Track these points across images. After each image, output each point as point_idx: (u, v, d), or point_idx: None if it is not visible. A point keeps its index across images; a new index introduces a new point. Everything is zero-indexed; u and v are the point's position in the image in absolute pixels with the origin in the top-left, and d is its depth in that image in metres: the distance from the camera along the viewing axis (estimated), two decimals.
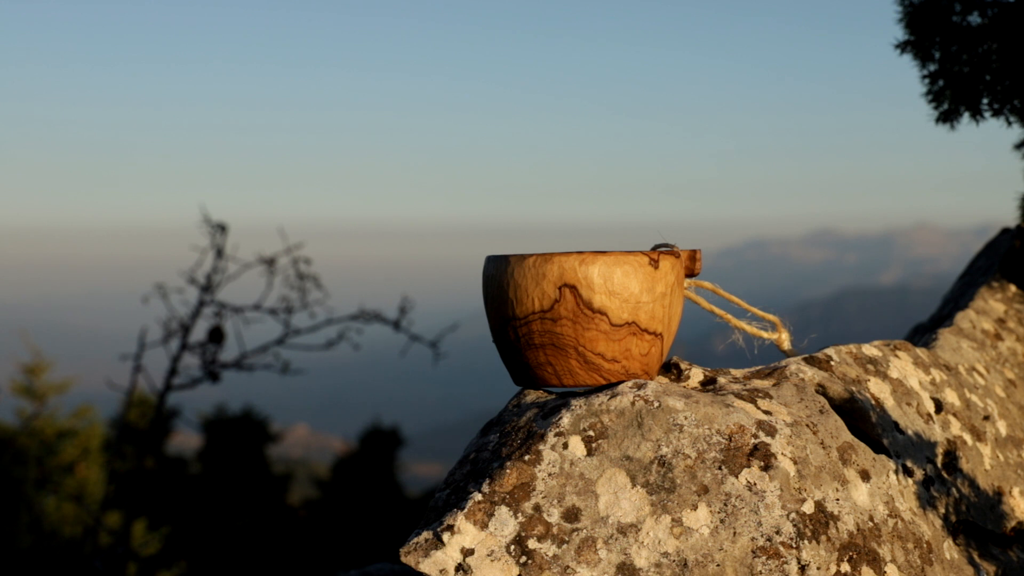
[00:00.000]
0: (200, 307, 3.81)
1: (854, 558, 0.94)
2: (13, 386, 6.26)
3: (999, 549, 1.12)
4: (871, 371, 1.15)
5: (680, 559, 0.88)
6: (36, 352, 6.31)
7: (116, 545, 4.19)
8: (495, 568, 0.87)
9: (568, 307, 0.98)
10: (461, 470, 0.97)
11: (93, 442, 6.48)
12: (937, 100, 1.78)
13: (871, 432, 1.08)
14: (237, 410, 8.71)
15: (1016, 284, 1.67)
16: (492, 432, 1.00)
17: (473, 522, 0.88)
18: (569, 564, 0.87)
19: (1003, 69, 1.71)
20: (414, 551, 0.88)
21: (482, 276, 1.06)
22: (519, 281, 0.99)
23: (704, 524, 0.90)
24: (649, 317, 1.00)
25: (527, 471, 0.91)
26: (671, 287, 1.02)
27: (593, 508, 0.90)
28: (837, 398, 1.09)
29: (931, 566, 1.01)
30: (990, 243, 1.87)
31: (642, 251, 1.01)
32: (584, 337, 0.99)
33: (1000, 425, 1.27)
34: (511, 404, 1.03)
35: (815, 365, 1.11)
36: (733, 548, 0.89)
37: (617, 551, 0.88)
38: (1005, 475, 1.21)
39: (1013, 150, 1.90)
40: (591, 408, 0.95)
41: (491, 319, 1.03)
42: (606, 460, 0.92)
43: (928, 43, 1.77)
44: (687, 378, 1.06)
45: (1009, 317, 1.57)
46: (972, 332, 1.44)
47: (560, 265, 0.98)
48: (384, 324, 3.99)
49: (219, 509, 8.03)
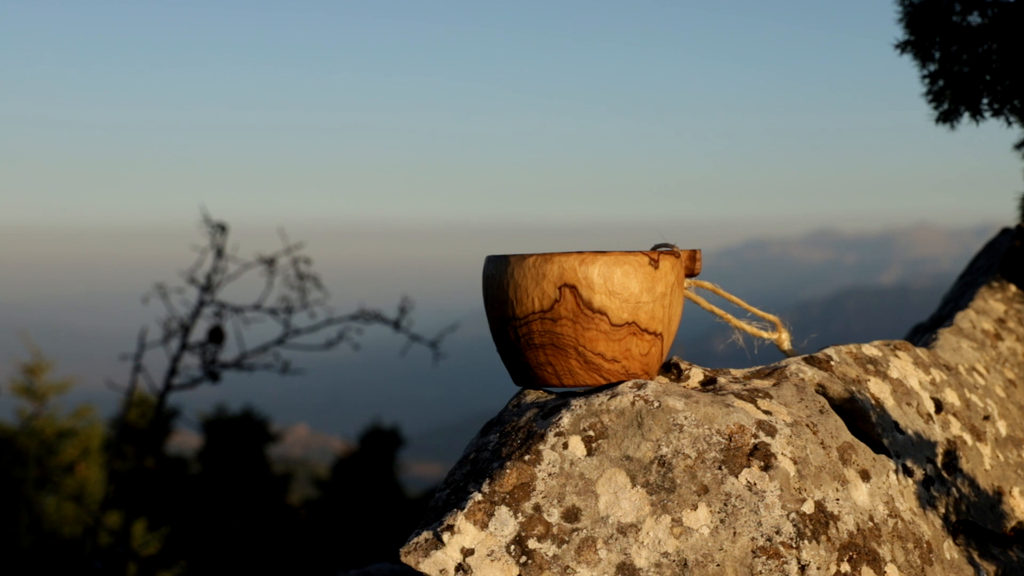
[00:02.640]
0: (200, 307, 3.81)
1: (854, 558, 0.94)
2: (13, 386, 6.26)
3: (999, 549, 1.12)
4: (871, 371, 1.15)
5: (680, 559, 0.88)
6: (36, 352, 6.30)
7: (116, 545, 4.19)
8: (495, 568, 0.87)
9: (568, 307, 0.98)
10: (461, 470, 0.97)
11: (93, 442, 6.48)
12: (937, 100, 1.78)
13: (871, 432, 1.08)
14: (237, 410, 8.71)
15: (1016, 284, 1.67)
16: (492, 432, 1.00)
17: (473, 522, 0.88)
18: (569, 564, 0.87)
19: (1003, 69, 1.71)
20: (414, 551, 0.88)
21: (482, 276, 1.06)
22: (519, 281, 0.99)
23: (704, 524, 0.90)
24: (649, 317, 1.00)
25: (527, 471, 0.91)
26: (671, 287, 1.02)
27: (593, 508, 0.90)
28: (837, 398, 1.09)
29: (931, 566, 1.01)
30: (990, 243, 1.87)
31: (642, 251, 1.01)
32: (584, 337, 0.99)
33: (1000, 425, 1.27)
34: (511, 404, 1.03)
35: (815, 365, 1.11)
36: (733, 548, 0.89)
37: (617, 551, 0.88)
38: (1005, 475, 1.21)
39: (1013, 150, 1.90)
40: (591, 408, 0.95)
41: (491, 319, 1.03)
42: (606, 460, 0.92)
43: (928, 43, 1.77)
44: (687, 378, 1.06)
45: (1009, 317, 1.57)
46: (972, 332, 1.44)
47: (560, 265, 0.98)
48: (384, 324, 3.99)
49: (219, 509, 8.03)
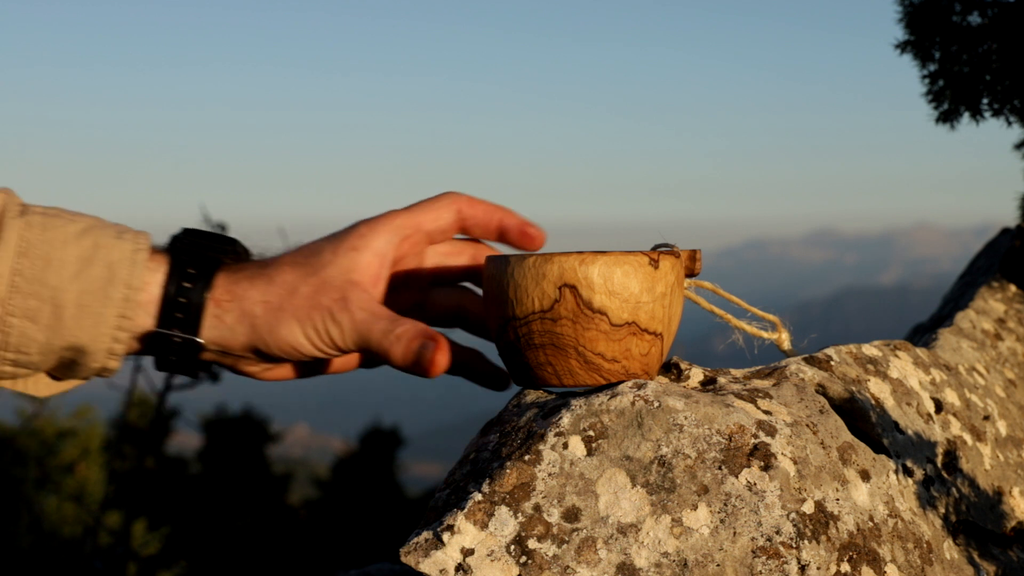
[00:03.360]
0: None
1: (854, 558, 0.94)
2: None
3: (999, 549, 1.12)
4: (871, 371, 1.15)
5: (680, 559, 0.88)
6: None
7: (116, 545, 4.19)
8: (495, 568, 0.87)
9: (568, 307, 0.98)
10: (461, 470, 0.97)
11: (93, 442, 6.49)
12: (937, 100, 1.78)
13: (871, 432, 1.08)
14: (237, 410, 8.72)
15: (1016, 284, 1.67)
16: (492, 432, 1.00)
17: (473, 522, 0.88)
18: (569, 564, 0.87)
19: (1003, 69, 1.71)
20: (414, 551, 0.88)
21: (482, 276, 1.06)
22: (519, 281, 0.99)
23: (704, 524, 0.90)
24: (649, 317, 1.00)
25: (527, 471, 0.91)
26: (671, 287, 1.02)
27: (593, 508, 0.90)
28: (837, 398, 1.09)
29: (931, 566, 1.01)
30: (990, 243, 1.88)
31: (642, 251, 1.01)
32: (584, 337, 0.99)
33: (1000, 425, 1.27)
34: (511, 404, 1.03)
35: (815, 365, 1.11)
36: (733, 548, 0.89)
37: (617, 551, 0.88)
38: (1005, 475, 1.21)
39: (1013, 150, 1.90)
40: (591, 408, 0.95)
41: (491, 319, 1.03)
42: (606, 460, 0.92)
43: (928, 43, 1.77)
44: (687, 378, 1.06)
45: (1009, 317, 1.57)
46: (972, 332, 1.44)
47: (560, 265, 0.98)
48: None
49: (219, 509, 8.03)
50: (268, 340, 1.01)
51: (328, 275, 1.02)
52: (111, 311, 0.96)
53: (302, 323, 1.01)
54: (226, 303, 1.00)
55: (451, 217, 1.09)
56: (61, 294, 0.94)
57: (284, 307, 1.01)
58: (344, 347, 1.03)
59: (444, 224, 1.08)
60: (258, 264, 1.04)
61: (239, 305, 1.01)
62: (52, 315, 0.94)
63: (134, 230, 1.00)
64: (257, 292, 1.01)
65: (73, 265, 0.94)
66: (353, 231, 1.05)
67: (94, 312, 0.95)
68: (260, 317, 1.01)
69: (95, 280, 0.95)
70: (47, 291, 0.93)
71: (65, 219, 0.97)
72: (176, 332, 0.99)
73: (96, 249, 0.96)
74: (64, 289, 0.94)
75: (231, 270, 1.02)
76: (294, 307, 1.01)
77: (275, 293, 1.01)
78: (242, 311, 1.01)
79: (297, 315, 1.01)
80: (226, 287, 1.01)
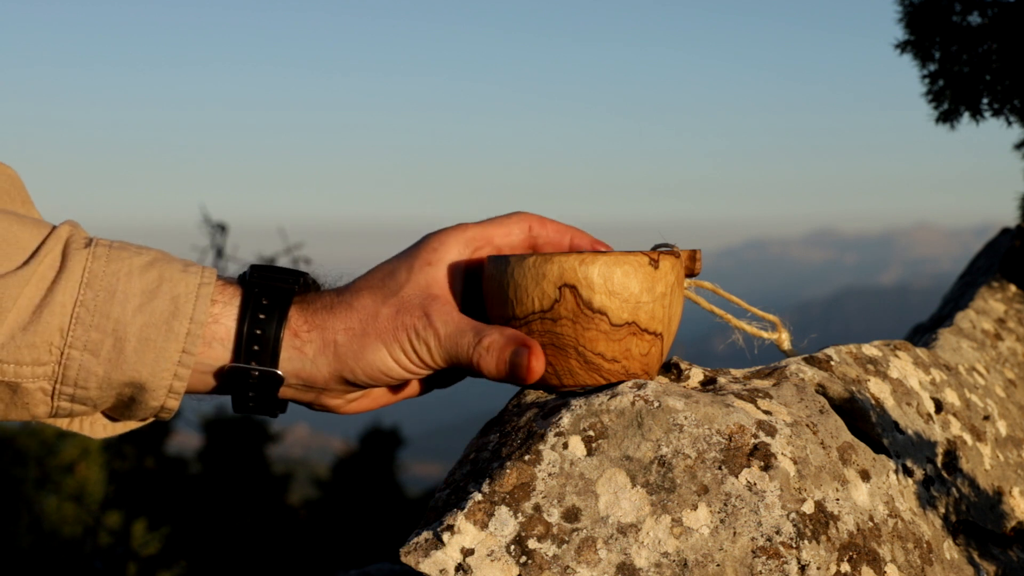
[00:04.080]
0: None
1: (854, 558, 0.94)
2: None
3: (999, 549, 1.12)
4: (871, 371, 1.15)
5: (680, 559, 0.88)
6: None
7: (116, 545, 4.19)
8: (495, 568, 0.87)
9: (568, 307, 0.98)
10: (461, 470, 0.97)
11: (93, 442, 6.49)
12: (937, 100, 1.78)
13: (871, 432, 1.08)
14: None
15: (1016, 284, 1.67)
16: (492, 432, 1.00)
17: (473, 522, 0.88)
18: (569, 564, 0.87)
19: (1003, 69, 1.71)
20: (414, 551, 0.88)
21: (482, 276, 1.06)
22: (519, 281, 0.99)
23: (704, 524, 0.90)
24: (649, 317, 1.00)
25: (527, 471, 0.91)
26: (671, 287, 1.02)
27: (593, 508, 0.90)
28: (837, 398, 1.09)
29: (931, 566, 1.01)
30: (990, 243, 1.88)
31: (642, 251, 1.01)
32: (584, 337, 0.99)
33: (1000, 425, 1.27)
34: (511, 404, 1.03)
35: (815, 365, 1.11)
36: (733, 548, 0.89)
37: (617, 551, 0.88)
38: (1005, 475, 1.21)
39: (1013, 150, 1.90)
40: (591, 408, 0.95)
41: (491, 319, 1.03)
42: (606, 460, 0.92)
43: (928, 43, 1.78)
44: (687, 378, 1.06)
45: (1009, 317, 1.57)
46: (972, 332, 1.44)
47: (560, 265, 0.98)
48: None
49: (219, 509, 8.03)
50: (355, 367, 0.99)
51: (407, 294, 1.00)
52: (174, 346, 0.93)
53: (388, 345, 0.98)
54: (305, 334, 0.98)
55: (522, 234, 1.07)
56: (124, 327, 0.91)
57: (368, 332, 0.98)
58: (434, 364, 1.01)
59: (515, 240, 1.07)
60: (334, 292, 1.02)
61: (320, 335, 0.98)
62: (113, 348, 0.91)
63: (200, 265, 0.97)
64: (338, 320, 0.99)
65: (137, 298, 0.92)
66: (425, 246, 1.04)
67: (156, 346, 0.92)
68: (344, 345, 0.98)
69: (159, 313, 0.92)
70: (110, 323, 0.91)
71: (131, 251, 0.94)
72: (253, 365, 0.96)
73: (161, 282, 0.93)
74: (127, 322, 0.91)
75: (306, 301, 1.00)
76: (378, 330, 0.98)
77: (356, 319, 0.99)
78: (324, 341, 0.98)
79: (383, 338, 0.98)
80: (304, 318, 0.98)
